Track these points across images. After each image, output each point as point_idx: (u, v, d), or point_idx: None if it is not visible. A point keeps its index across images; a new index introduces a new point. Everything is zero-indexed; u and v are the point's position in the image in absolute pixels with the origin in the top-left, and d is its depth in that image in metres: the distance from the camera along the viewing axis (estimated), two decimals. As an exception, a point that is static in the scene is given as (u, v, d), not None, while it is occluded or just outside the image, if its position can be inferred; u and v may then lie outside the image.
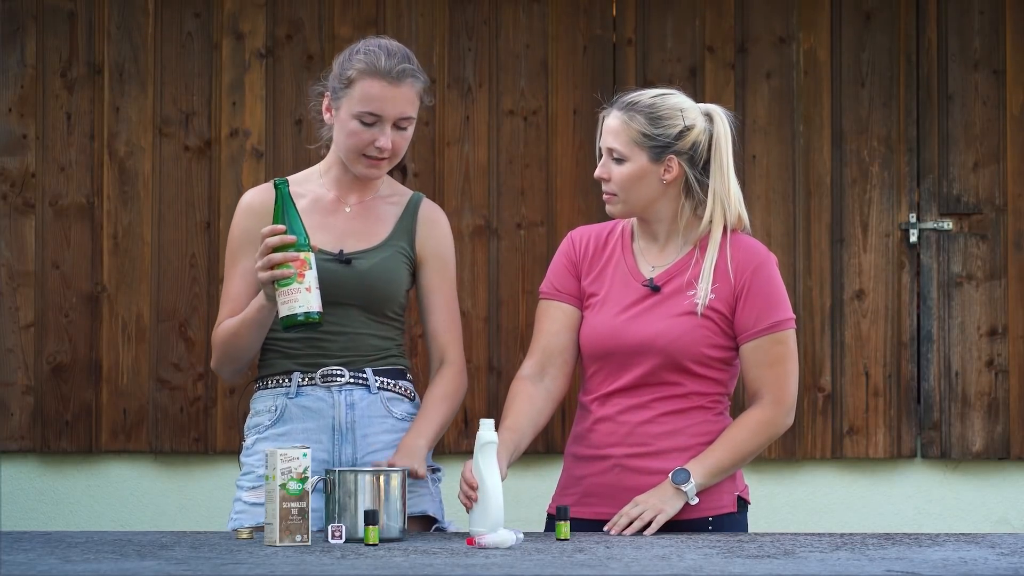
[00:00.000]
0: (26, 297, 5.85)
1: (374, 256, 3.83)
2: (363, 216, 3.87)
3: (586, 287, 3.84)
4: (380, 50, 3.78)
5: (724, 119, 3.79)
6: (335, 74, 3.82)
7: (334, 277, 3.75)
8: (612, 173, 3.76)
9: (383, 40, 3.83)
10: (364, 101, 3.75)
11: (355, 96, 3.76)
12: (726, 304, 3.75)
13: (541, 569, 3.04)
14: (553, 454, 5.65)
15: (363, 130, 3.77)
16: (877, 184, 5.93)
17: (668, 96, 3.78)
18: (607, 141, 3.77)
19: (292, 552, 3.28)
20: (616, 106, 3.78)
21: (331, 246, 3.81)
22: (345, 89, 3.78)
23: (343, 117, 3.79)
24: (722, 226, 3.77)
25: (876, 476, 5.94)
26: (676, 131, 3.73)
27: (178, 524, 5.75)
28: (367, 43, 3.82)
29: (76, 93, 5.88)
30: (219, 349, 3.85)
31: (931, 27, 5.95)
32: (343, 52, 3.87)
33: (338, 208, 3.87)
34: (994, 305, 5.93)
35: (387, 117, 3.76)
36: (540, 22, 5.93)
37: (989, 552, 3.33)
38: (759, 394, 3.75)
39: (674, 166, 3.75)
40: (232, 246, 3.89)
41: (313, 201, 3.87)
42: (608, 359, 3.78)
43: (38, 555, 3.22)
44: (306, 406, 3.80)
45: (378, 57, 3.76)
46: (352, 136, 3.78)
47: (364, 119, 3.76)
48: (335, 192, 3.89)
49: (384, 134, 3.76)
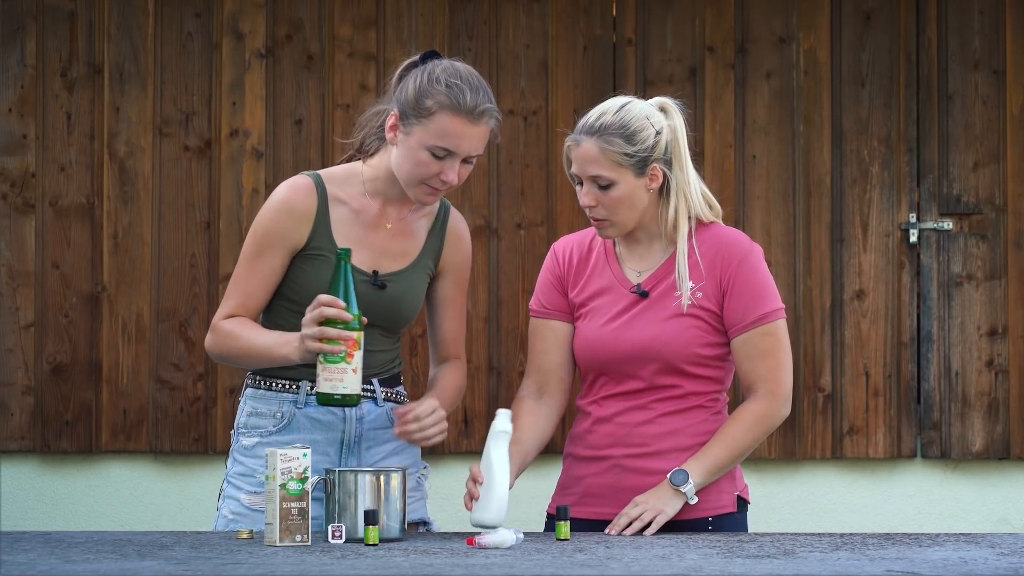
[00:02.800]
0: (26, 297, 5.85)
1: (405, 280, 3.78)
2: (400, 233, 3.80)
3: (574, 298, 3.83)
4: (464, 84, 3.65)
5: (677, 111, 3.77)
6: (410, 98, 3.67)
7: (365, 299, 3.66)
8: (600, 199, 3.72)
9: (461, 68, 3.69)
10: (440, 136, 3.64)
11: (431, 129, 3.64)
12: (714, 301, 3.74)
13: (541, 569, 3.04)
14: (553, 454, 5.63)
15: (432, 162, 3.66)
16: (877, 184, 5.94)
17: (630, 107, 3.73)
18: (587, 169, 3.71)
19: (292, 552, 3.28)
20: (584, 132, 3.72)
21: (367, 265, 3.74)
22: (421, 118, 3.65)
23: (413, 144, 3.67)
24: (687, 217, 3.75)
25: (876, 476, 5.94)
26: (651, 140, 3.71)
27: (178, 524, 5.75)
28: (447, 71, 3.67)
29: (76, 93, 5.88)
30: (218, 348, 3.76)
31: (931, 27, 5.95)
32: (417, 73, 3.70)
33: (379, 223, 3.78)
34: (994, 305, 5.93)
35: (460, 153, 3.66)
36: (540, 22, 5.93)
37: (989, 552, 3.33)
38: (754, 387, 3.75)
39: (658, 174, 3.73)
40: (258, 238, 3.75)
41: (356, 212, 3.77)
42: (604, 368, 3.78)
43: (38, 555, 3.22)
44: (315, 417, 3.78)
45: (462, 92, 3.63)
46: (420, 166, 3.67)
47: (437, 152, 3.65)
48: (378, 205, 3.79)
49: (452, 168, 3.66)
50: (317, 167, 5.70)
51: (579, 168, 3.72)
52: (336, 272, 3.53)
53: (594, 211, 3.73)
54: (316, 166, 5.75)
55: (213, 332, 3.75)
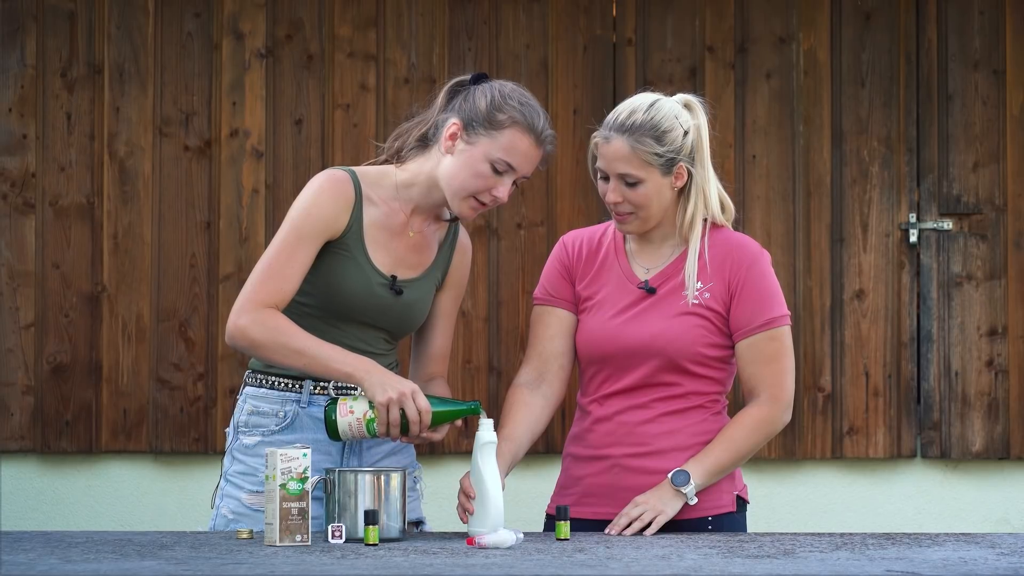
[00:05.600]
0: (26, 297, 5.85)
1: (418, 288, 3.80)
2: (420, 243, 3.81)
3: (580, 291, 3.84)
4: (537, 108, 3.71)
5: (701, 109, 3.79)
6: (480, 109, 3.70)
7: (382, 303, 3.72)
8: (628, 196, 3.74)
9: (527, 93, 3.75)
10: (508, 151, 3.67)
11: (501, 142, 3.67)
12: (721, 303, 3.74)
13: (541, 569, 3.04)
14: (553, 454, 5.64)
15: (490, 175, 3.68)
16: (877, 184, 5.94)
17: (659, 105, 3.74)
18: (616, 168, 3.73)
19: (292, 552, 3.28)
20: (616, 130, 3.73)
21: (387, 268, 3.75)
22: (491, 130, 3.68)
23: (476, 155, 3.69)
24: (702, 216, 3.77)
25: (876, 476, 5.94)
26: (680, 140, 3.73)
27: (178, 524, 5.75)
28: (519, 91, 3.73)
29: (76, 93, 5.88)
30: (261, 336, 3.62)
31: (931, 27, 5.95)
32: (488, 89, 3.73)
33: (404, 230, 3.79)
34: (994, 305, 5.93)
35: (519, 172, 3.70)
36: (540, 22, 5.94)
37: (989, 552, 3.33)
38: (756, 391, 3.75)
39: (683, 172, 3.75)
40: (299, 223, 3.68)
41: (386, 216, 3.77)
42: (606, 362, 3.78)
43: (38, 555, 3.22)
44: (318, 416, 3.78)
45: (537, 114, 3.70)
46: (477, 177, 3.69)
47: (498, 166, 3.68)
48: (407, 211, 3.80)
49: (506, 186, 3.69)
50: (317, 167, 5.71)
51: (607, 165, 3.73)
52: (458, 408, 3.61)
53: (619, 206, 3.74)
54: (316, 166, 5.75)
55: (258, 316, 3.63)
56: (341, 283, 3.70)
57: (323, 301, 3.73)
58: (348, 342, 3.72)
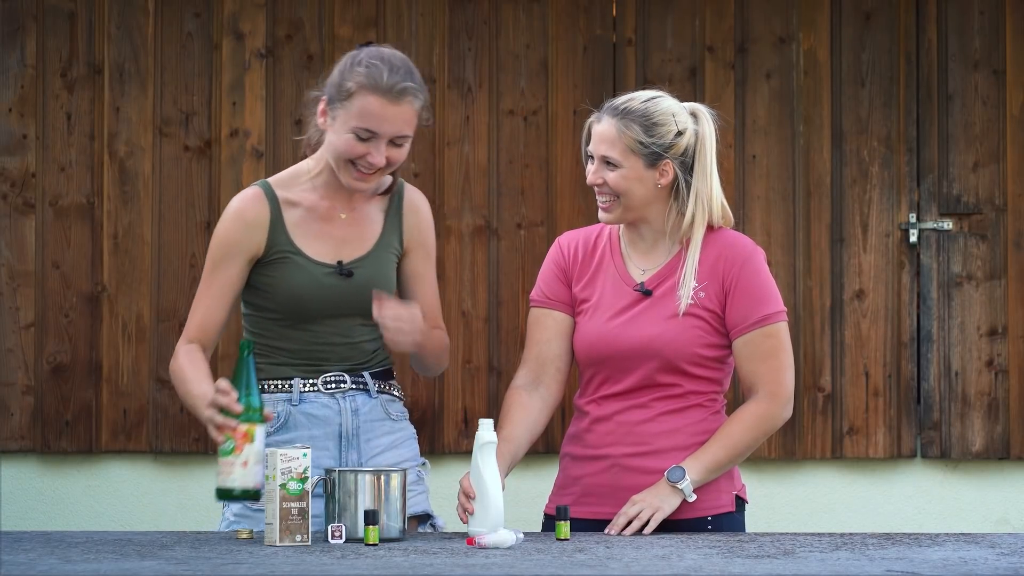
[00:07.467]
0: (26, 297, 5.85)
1: (371, 264, 3.80)
2: (356, 220, 3.82)
3: (577, 293, 3.84)
4: (383, 64, 3.68)
5: (709, 119, 3.79)
6: (334, 82, 3.72)
7: (336, 290, 3.74)
8: (607, 178, 3.74)
9: (386, 51, 3.73)
10: (361, 117, 3.67)
11: (353, 110, 3.67)
12: (716, 302, 3.74)
13: (541, 569, 3.04)
14: (552, 454, 5.63)
15: (357, 144, 3.69)
16: (877, 184, 5.94)
17: (659, 100, 3.76)
18: (600, 148, 3.74)
19: (292, 552, 3.28)
20: (608, 112, 3.75)
21: (330, 257, 3.77)
22: (343, 101, 3.68)
23: (338, 128, 3.70)
24: (704, 227, 3.77)
25: (876, 476, 5.94)
26: (670, 137, 3.72)
27: (178, 524, 5.75)
28: (370, 54, 3.71)
29: (76, 93, 5.88)
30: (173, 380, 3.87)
31: (931, 27, 5.95)
32: (344, 59, 3.75)
33: (333, 215, 3.81)
34: (994, 305, 5.93)
35: (383, 135, 3.68)
36: (540, 22, 5.94)
37: (989, 552, 3.33)
38: (754, 388, 3.75)
39: (669, 171, 3.74)
40: (214, 252, 3.80)
41: (308, 210, 3.80)
42: (603, 364, 3.78)
43: (38, 555, 3.22)
44: (311, 413, 3.79)
45: (380, 72, 3.67)
46: (348, 149, 3.70)
47: (360, 134, 3.68)
48: (328, 198, 3.81)
49: (378, 150, 3.68)
50: (317, 167, 5.71)
51: (593, 145, 3.76)
52: (237, 364, 3.50)
53: (600, 189, 3.75)
54: (316, 166, 5.75)
55: (174, 359, 3.84)
56: (290, 287, 3.74)
57: (284, 309, 3.77)
58: (326, 339, 3.74)
